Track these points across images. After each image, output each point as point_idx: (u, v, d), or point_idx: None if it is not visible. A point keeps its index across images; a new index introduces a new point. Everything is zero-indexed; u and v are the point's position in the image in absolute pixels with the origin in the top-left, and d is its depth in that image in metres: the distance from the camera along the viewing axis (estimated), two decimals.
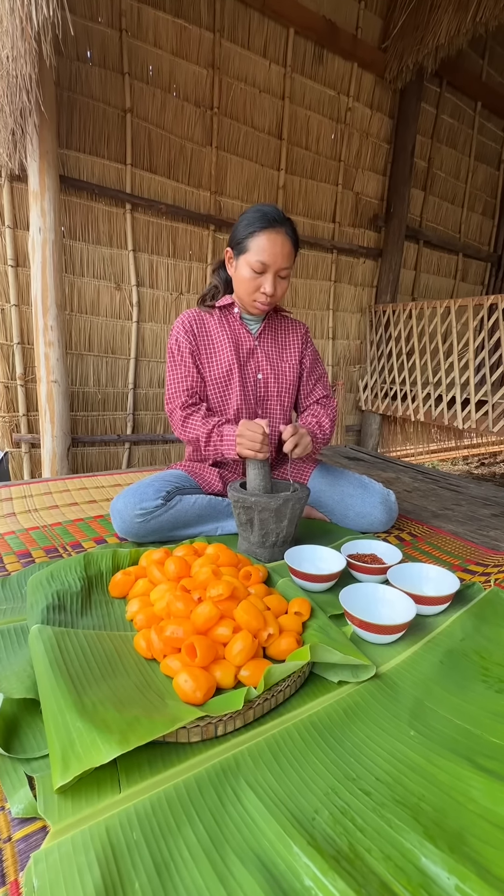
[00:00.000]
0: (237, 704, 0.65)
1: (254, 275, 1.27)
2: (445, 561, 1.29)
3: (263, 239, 1.23)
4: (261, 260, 1.24)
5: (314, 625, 0.87)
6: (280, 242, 1.24)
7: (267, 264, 1.25)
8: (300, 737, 0.65)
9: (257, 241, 1.24)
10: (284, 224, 1.25)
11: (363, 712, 0.71)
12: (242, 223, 1.27)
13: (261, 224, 1.23)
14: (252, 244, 1.25)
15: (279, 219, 1.25)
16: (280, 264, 1.26)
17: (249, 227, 1.25)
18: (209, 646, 0.75)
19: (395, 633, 0.86)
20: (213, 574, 0.92)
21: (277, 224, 1.24)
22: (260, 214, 1.25)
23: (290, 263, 1.28)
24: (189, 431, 1.33)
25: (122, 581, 1.00)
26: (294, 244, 1.28)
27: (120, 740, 0.57)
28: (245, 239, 1.26)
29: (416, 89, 3.59)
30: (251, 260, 1.25)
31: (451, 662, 0.82)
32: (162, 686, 0.74)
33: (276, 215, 1.24)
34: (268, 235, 1.23)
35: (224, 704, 0.67)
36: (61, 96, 2.40)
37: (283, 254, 1.25)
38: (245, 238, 1.26)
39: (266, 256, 1.24)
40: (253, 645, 0.77)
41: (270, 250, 1.23)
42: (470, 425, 3.18)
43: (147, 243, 2.86)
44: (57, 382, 2.49)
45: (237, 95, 2.99)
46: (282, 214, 1.26)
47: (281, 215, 1.25)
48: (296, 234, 1.29)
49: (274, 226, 1.23)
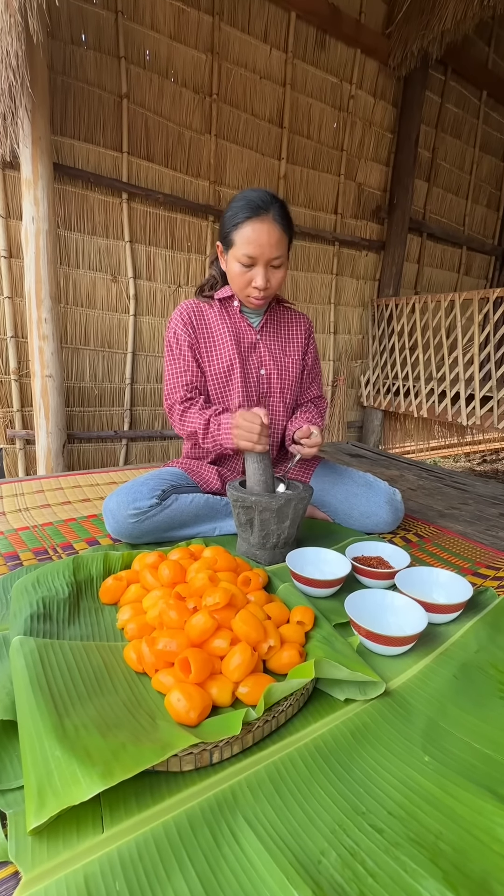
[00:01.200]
0: (234, 728, 0.59)
1: (243, 269, 1.19)
2: (455, 564, 1.23)
3: (248, 230, 1.14)
4: (247, 253, 1.16)
5: (318, 635, 0.81)
6: (266, 231, 1.14)
7: (254, 257, 1.16)
8: (304, 764, 0.59)
9: (242, 233, 1.15)
10: (271, 208, 1.15)
11: (372, 734, 0.65)
12: (228, 214, 1.19)
13: (244, 214, 1.15)
14: (237, 237, 1.16)
15: (264, 204, 1.14)
16: (269, 255, 1.17)
17: (234, 218, 1.16)
18: (205, 660, 0.69)
19: (406, 644, 0.80)
20: (209, 580, 0.85)
21: (262, 211, 1.14)
22: (244, 203, 1.16)
23: (281, 252, 1.18)
24: (187, 425, 1.26)
25: (113, 587, 0.94)
26: (285, 229, 1.18)
27: (103, 773, 0.51)
28: (230, 232, 1.18)
29: (421, 77, 3.50)
30: (238, 254, 1.17)
31: (465, 677, 0.76)
32: (153, 703, 0.68)
33: (260, 200, 1.15)
34: (252, 225, 1.14)
35: (220, 727, 0.61)
36: (55, 80, 2.31)
37: (270, 243, 1.15)
38: (230, 231, 1.17)
39: (252, 249, 1.15)
40: (252, 659, 0.71)
41: (256, 241, 1.15)
42: (474, 422, 3.11)
43: (144, 234, 2.78)
44: (52, 377, 2.42)
45: (237, 82, 2.90)
46: (268, 198, 1.16)
47: (266, 199, 1.15)
48: (286, 217, 1.19)
49: (259, 214, 1.14)
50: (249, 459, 1.15)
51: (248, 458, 1.15)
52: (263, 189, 1.20)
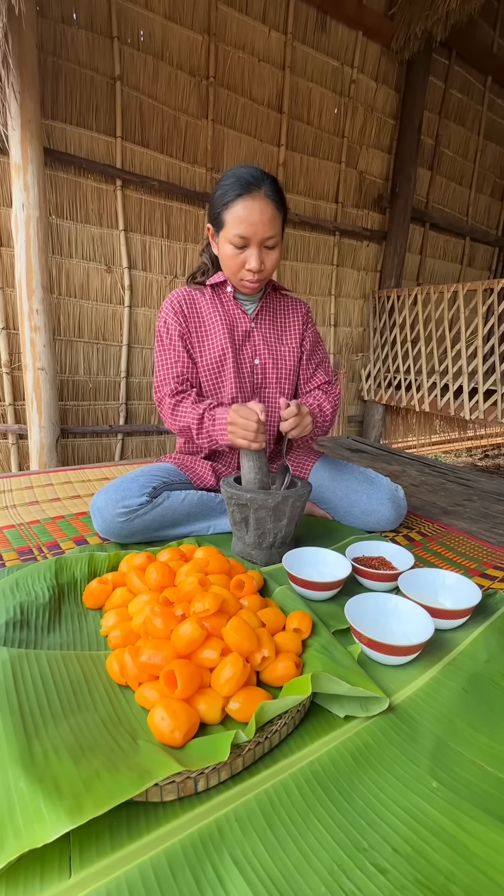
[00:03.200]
0: (222, 753, 0.53)
1: (235, 251, 1.13)
2: (460, 564, 1.17)
3: (239, 208, 1.08)
4: (239, 233, 1.09)
5: (316, 644, 0.75)
6: (259, 209, 1.08)
7: (247, 237, 1.09)
8: (299, 792, 0.54)
9: (233, 212, 1.08)
10: (262, 184, 1.08)
11: (375, 756, 0.59)
12: (217, 193, 1.12)
13: (235, 191, 1.08)
14: (228, 217, 1.09)
15: (255, 180, 1.08)
16: (262, 234, 1.10)
17: (224, 196, 1.10)
18: (192, 674, 0.63)
19: (410, 654, 0.74)
20: (199, 584, 0.79)
21: (254, 187, 1.07)
22: (234, 180, 1.09)
23: (274, 230, 1.12)
24: (179, 419, 1.20)
25: (97, 590, 0.88)
26: (278, 206, 1.11)
27: (72, 808, 0.45)
28: (220, 212, 1.11)
29: (424, 61, 3.40)
30: (229, 235, 1.10)
31: (475, 690, 0.71)
32: (135, 720, 0.63)
33: (251, 177, 1.08)
34: (244, 203, 1.07)
35: (207, 750, 0.55)
36: (45, 61, 2.23)
37: (263, 221, 1.09)
38: (220, 211, 1.11)
39: (244, 228, 1.08)
40: (244, 671, 0.66)
41: (248, 220, 1.08)
42: (477, 416, 3.05)
43: (139, 223, 2.71)
44: (44, 370, 2.35)
45: (234, 64, 2.81)
46: (259, 174, 1.09)
47: (258, 175, 1.09)
48: (279, 193, 1.12)
49: (250, 190, 1.07)
50: (245, 457, 1.09)
51: (244, 455, 1.10)
52: (253, 165, 1.13)
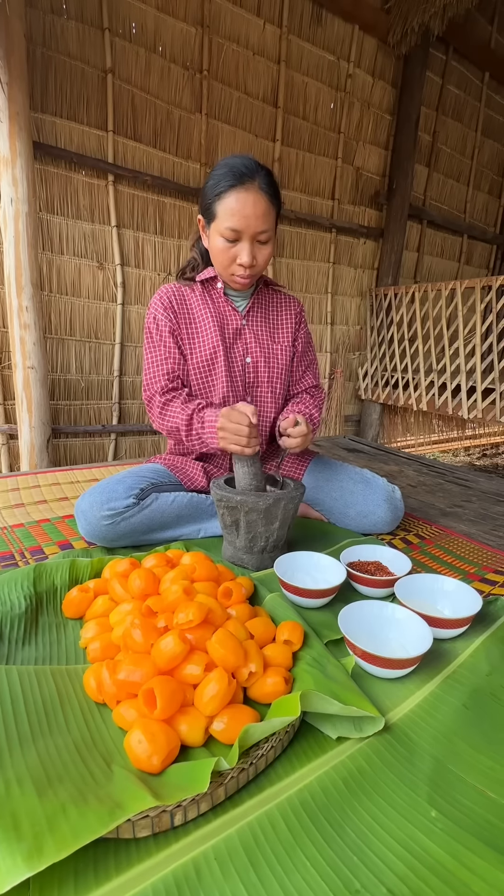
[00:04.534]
0: (202, 783, 0.49)
1: (227, 244, 1.08)
2: (459, 568, 1.13)
3: (232, 200, 1.03)
4: (231, 226, 1.05)
5: (307, 656, 0.71)
6: (252, 201, 1.03)
7: (239, 230, 1.05)
8: (286, 824, 0.49)
9: (225, 203, 1.04)
10: (256, 176, 1.04)
11: (370, 782, 0.54)
12: (209, 183, 1.08)
13: (227, 182, 1.03)
14: (220, 208, 1.05)
15: (249, 171, 1.03)
16: (255, 228, 1.06)
17: (216, 187, 1.05)
18: (173, 692, 0.59)
19: (407, 667, 0.70)
20: (184, 592, 0.75)
21: (247, 178, 1.03)
22: (226, 170, 1.04)
23: (268, 225, 1.07)
24: (168, 420, 1.15)
25: (78, 598, 0.84)
26: (272, 200, 1.07)
27: (30, 852, 0.40)
28: (212, 203, 1.06)
29: (422, 56, 3.36)
30: (221, 227, 1.06)
31: (477, 707, 0.66)
32: (112, 742, 0.58)
33: (245, 167, 1.04)
34: (237, 195, 1.03)
35: (186, 779, 0.50)
36: (33, 52, 2.18)
37: (256, 215, 1.04)
38: (212, 202, 1.06)
39: (236, 221, 1.04)
40: (230, 688, 0.61)
41: (241, 213, 1.03)
42: (476, 415, 3.01)
43: (132, 219, 2.66)
44: (34, 368, 2.30)
45: (229, 58, 2.76)
46: (253, 165, 1.05)
47: (252, 166, 1.04)
48: (273, 186, 1.08)
49: (243, 182, 1.03)
50: (238, 463, 1.05)
51: (237, 461, 1.05)
52: (248, 155, 1.08)
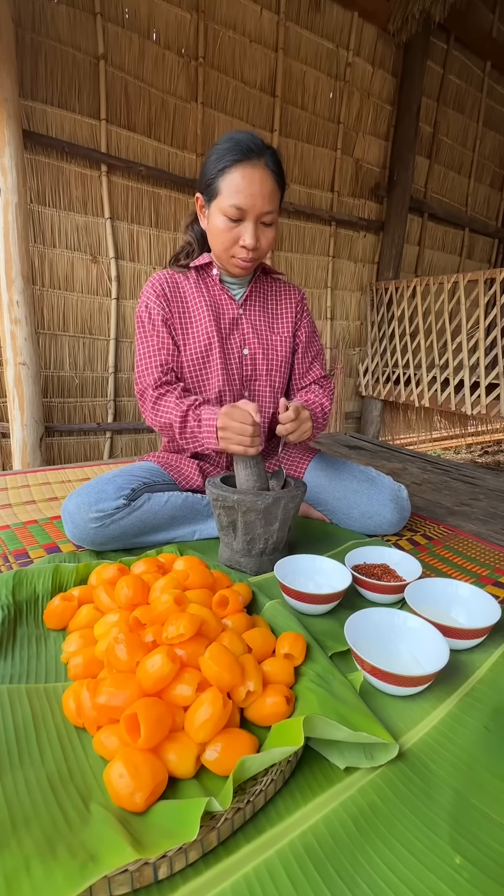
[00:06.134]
0: (191, 829, 0.42)
1: (229, 224, 1.01)
2: (471, 570, 1.06)
3: (237, 176, 0.97)
4: (235, 204, 0.98)
5: (310, 672, 0.64)
6: (259, 179, 0.97)
7: (244, 209, 0.98)
8: (288, 875, 0.42)
9: (230, 179, 0.97)
10: (263, 154, 0.98)
11: (383, 821, 0.48)
12: (211, 158, 1.01)
13: (233, 157, 0.97)
14: (224, 184, 0.98)
15: (257, 147, 0.97)
16: (261, 207, 0.99)
17: (220, 161, 0.98)
18: (160, 717, 0.52)
19: (421, 684, 0.63)
20: (175, 602, 0.68)
21: (255, 155, 0.97)
22: (231, 144, 0.98)
23: (273, 206, 1.01)
24: (161, 415, 1.08)
25: (60, 608, 0.77)
26: (278, 180, 1.01)
27: None
28: (215, 178, 0.99)
29: (422, 44, 3.29)
30: (224, 205, 0.99)
31: (500, 729, 0.60)
32: (92, 774, 0.52)
33: (252, 143, 0.97)
34: (242, 171, 0.96)
35: (173, 822, 0.44)
36: (22, 37, 2.11)
37: (263, 193, 0.98)
38: (215, 177, 0.99)
39: (242, 199, 0.97)
40: (224, 711, 0.54)
41: (247, 190, 0.97)
42: (479, 410, 2.94)
43: (126, 211, 2.59)
44: (26, 365, 2.23)
45: (225, 45, 2.69)
46: (260, 142, 0.99)
47: (259, 143, 0.98)
48: (280, 166, 1.02)
49: (250, 157, 0.97)
50: (240, 464, 0.99)
51: (239, 462, 0.99)
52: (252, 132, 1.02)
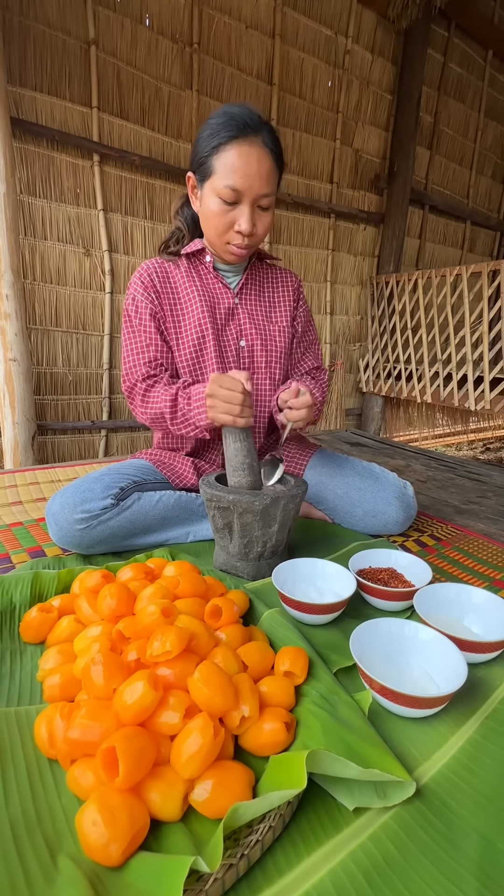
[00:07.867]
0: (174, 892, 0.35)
1: (224, 207, 0.94)
2: (482, 573, 1.00)
3: (233, 154, 0.89)
4: (231, 185, 0.90)
5: (313, 692, 0.58)
6: (256, 157, 0.90)
7: (240, 190, 0.91)
8: None
9: (225, 157, 0.90)
10: (261, 130, 0.90)
11: (400, 876, 0.41)
12: (204, 133, 0.93)
13: (228, 133, 0.89)
14: (219, 163, 0.91)
15: (254, 123, 0.90)
16: (258, 189, 0.92)
17: (214, 137, 0.90)
18: (141, 751, 0.45)
19: (436, 706, 0.57)
20: (162, 614, 0.61)
21: (251, 131, 0.89)
22: (226, 119, 0.90)
23: (271, 188, 0.94)
24: (151, 406, 1.01)
25: (38, 620, 0.70)
26: (276, 160, 0.94)
27: None
28: (208, 156, 0.92)
29: (423, 31, 3.21)
30: (218, 186, 0.91)
31: None
32: (63, 817, 0.45)
33: (248, 118, 0.90)
34: (238, 149, 0.89)
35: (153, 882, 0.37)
36: (10, 21, 2.03)
37: (261, 174, 0.91)
38: (208, 155, 0.92)
39: (237, 180, 0.90)
40: (215, 742, 0.48)
41: (243, 170, 0.89)
42: (483, 406, 2.87)
43: (120, 202, 2.51)
44: (16, 361, 2.16)
45: (220, 30, 2.61)
46: (257, 117, 0.91)
47: (256, 118, 0.91)
48: (278, 144, 0.94)
49: (247, 134, 0.89)
50: (229, 437, 0.90)
51: (228, 434, 0.90)
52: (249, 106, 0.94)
